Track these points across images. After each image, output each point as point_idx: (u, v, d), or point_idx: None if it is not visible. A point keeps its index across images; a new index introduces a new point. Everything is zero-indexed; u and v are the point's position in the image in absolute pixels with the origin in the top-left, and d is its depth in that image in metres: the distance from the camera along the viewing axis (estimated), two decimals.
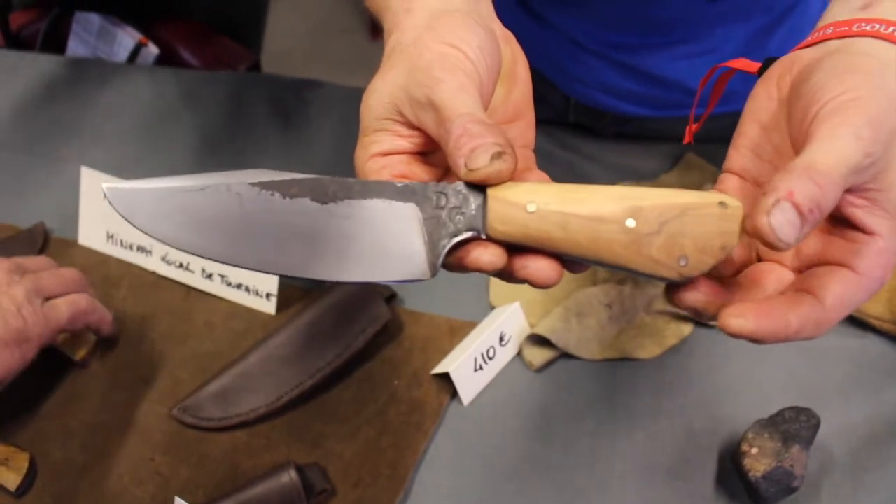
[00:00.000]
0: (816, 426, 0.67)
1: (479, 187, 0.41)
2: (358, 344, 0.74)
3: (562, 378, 0.75)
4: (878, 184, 0.39)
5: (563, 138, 0.93)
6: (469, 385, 0.73)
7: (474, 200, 0.41)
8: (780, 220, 0.36)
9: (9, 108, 1.06)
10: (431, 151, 0.45)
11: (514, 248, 0.41)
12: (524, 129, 0.50)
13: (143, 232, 0.42)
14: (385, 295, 0.78)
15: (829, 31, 0.45)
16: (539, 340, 0.75)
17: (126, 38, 1.13)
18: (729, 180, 0.46)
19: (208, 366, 0.77)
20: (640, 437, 0.71)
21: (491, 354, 0.74)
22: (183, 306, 0.82)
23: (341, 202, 0.41)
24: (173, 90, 1.07)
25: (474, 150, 0.40)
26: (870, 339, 0.76)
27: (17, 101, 1.07)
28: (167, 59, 1.16)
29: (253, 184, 0.41)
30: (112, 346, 0.79)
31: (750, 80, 0.50)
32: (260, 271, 0.42)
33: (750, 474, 0.64)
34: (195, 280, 0.82)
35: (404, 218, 0.41)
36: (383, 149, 0.45)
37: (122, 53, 1.14)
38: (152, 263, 0.84)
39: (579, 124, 0.94)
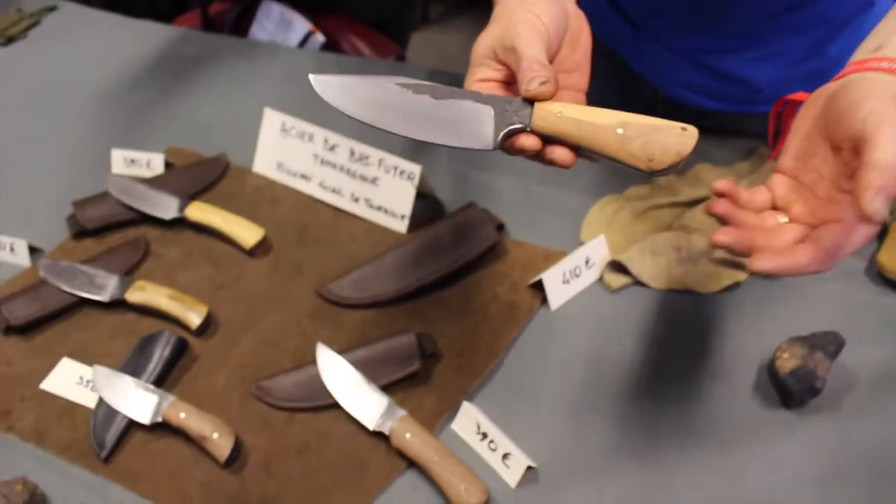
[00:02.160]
0: (841, 345, 0.80)
1: (532, 101, 0.61)
2: (471, 255, 0.92)
3: (633, 301, 0.91)
4: None
5: None
6: (557, 293, 0.90)
7: (526, 108, 0.62)
8: (880, 206, 0.53)
9: (200, 74, 1.31)
10: (511, 82, 0.66)
11: (547, 141, 0.62)
12: (580, 78, 0.70)
13: (331, 103, 0.63)
14: (496, 223, 0.96)
15: (850, 68, 0.64)
16: (618, 267, 0.92)
17: (299, 27, 1.36)
18: (779, 179, 0.66)
19: (348, 265, 0.96)
20: (693, 350, 0.86)
21: (577, 273, 0.91)
22: (332, 222, 1.02)
23: (448, 100, 0.63)
24: (333, 71, 1.29)
25: (532, 79, 0.61)
26: None
27: (207, 70, 1.32)
28: (331, 46, 1.39)
29: (397, 83, 0.63)
30: (274, 243, 0.99)
31: None
32: (391, 132, 0.63)
33: (780, 372, 0.79)
34: (343, 202, 1.03)
35: (483, 113, 0.62)
36: (483, 76, 0.66)
37: (294, 39, 1.38)
38: (310, 188, 1.05)
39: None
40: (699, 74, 1.05)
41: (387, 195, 0.99)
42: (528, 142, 0.62)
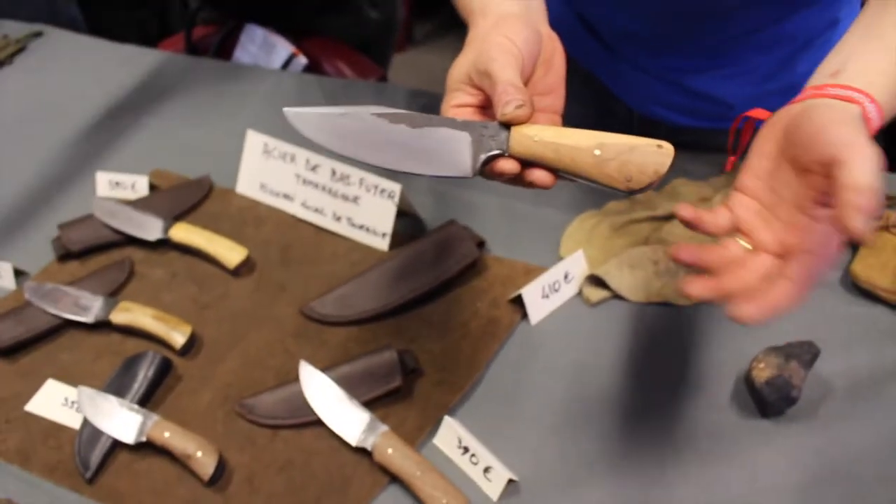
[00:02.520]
0: (816, 354, 0.82)
1: (508, 125, 0.62)
2: (451, 272, 0.94)
3: (612, 314, 0.92)
4: None
5: None
6: (537, 308, 0.91)
7: (503, 132, 0.63)
8: (862, 223, 0.54)
9: (184, 97, 1.32)
10: (487, 107, 0.67)
11: (526, 164, 0.63)
12: (555, 100, 0.71)
13: (307, 136, 0.64)
14: (476, 240, 0.98)
15: (809, 92, 0.65)
16: (596, 281, 0.93)
17: (282, 50, 1.38)
18: (739, 199, 0.66)
19: (331, 283, 0.97)
20: (672, 362, 0.87)
21: (557, 287, 0.92)
22: (314, 240, 1.03)
23: (424, 128, 0.63)
24: (316, 93, 1.31)
25: (507, 102, 0.61)
26: (879, 308, 0.91)
27: (191, 93, 1.33)
28: (313, 68, 1.41)
29: (373, 113, 0.64)
30: (258, 262, 1.00)
31: None
32: (368, 163, 0.64)
33: (756, 382, 0.80)
34: (326, 221, 1.04)
35: (460, 140, 0.63)
36: (459, 102, 0.67)
37: (277, 62, 1.40)
38: (293, 208, 1.06)
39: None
40: (672, 93, 1.07)
41: (368, 214, 1.01)
42: (507, 166, 0.63)
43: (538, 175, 0.63)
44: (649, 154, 0.61)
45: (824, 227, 0.59)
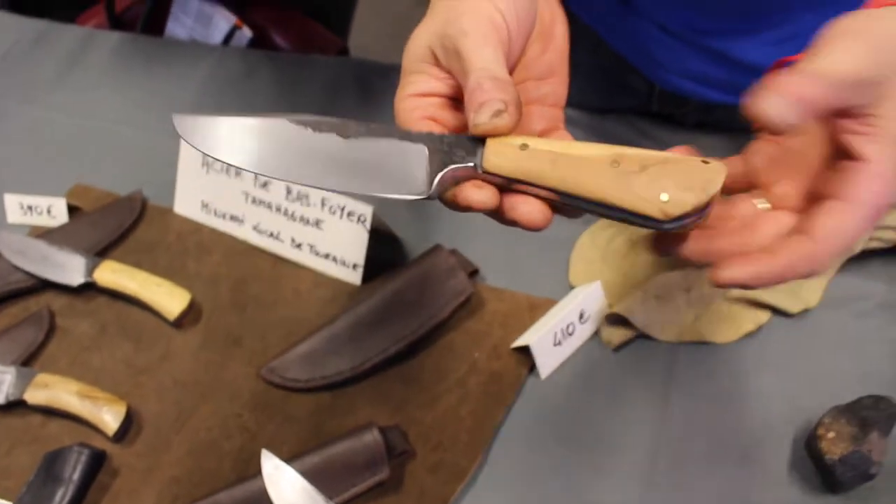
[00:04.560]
0: (894, 415, 0.67)
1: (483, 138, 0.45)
2: (441, 315, 0.77)
3: (639, 358, 0.76)
4: (877, 109, 0.43)
5: (644, 128, 0.94)
6: (548, 359, 0.75)
7: (476, 144, 0.45)
8: (775, 103, 0.41)
9: (110, 85, 1.12)
10: (462, 99, 0.48)
11: (507, 189, 0.45)
12: (556, 87, 0.52)
13: (206, 153, 0.46)
14: (468, 270, 0.80)
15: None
16: (618, 320, 0.77)
17: (221, 22, 1.17)
18: (757, 147, 0.50)
19: (295, 330, 0.80)
20: (715, 420, 0.72)
21: (570, 331, 0.75)
22: (272, 274, 0.85)
23: (360, 138, 0.45)
24: (265, 72, 1.11)
25: (482, 104, 0.43)
26: None
27: (117, 79, 1.13)
28: (260, 41, 1.21)
29: (291, 120, 0.46)
30: (204, 307, 0.83)
31: None
32: (289, 181, 0.47)
33: (827, 457, 0.65)
34: (284, 249, 0.86)
35: (412, 152, 0.45)
36: (419, 90, 0.48)
37: (217, 36, 1.19)
38: (243, 232, 0.88)
39: (661, 114, 0.95)
40: (702, 61, 0.87)
41: (334, 240, 0.83)
42: (478, 195, 0.44)
43: (526, 208, 0.44)
44: (692, 167, 0.43)
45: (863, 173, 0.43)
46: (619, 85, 0.94)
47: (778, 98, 0.41)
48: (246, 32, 1.18)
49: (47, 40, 1.19)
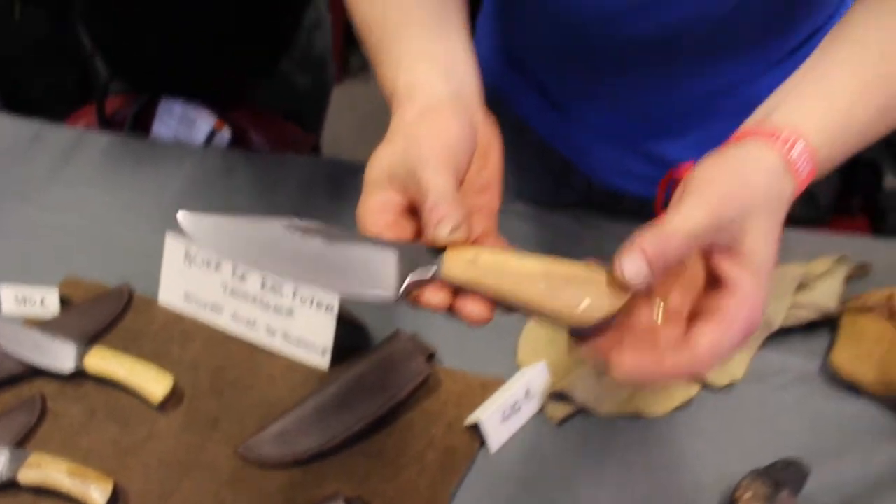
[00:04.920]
0: (805, 476, 0.75)
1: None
2: (401, 395, 0.85)
3: (580, 431, 0.84)
4: (740, 245, 0.52)
5: (586, 219, 1.04)
6: (496, 435, 0.82)
7: (435, 254, 0.53)
8: (630, 265, 0.49)
9: (100, 184, 1.20)
10: (415, 210, 0.57)
11: (458, 291, 0.53)
12: (491, 199, 0.61)
13: (205, 246, 0.57)
14: (426, 353, 0.89)
15: (736, 135, 0.59)
16: (560, 396, 0.85)
17: (203, 123, 1.27)
18: None
19: (270, 412, 0.87)
20: (649, 487, 0.80)
21: (517, 407, 0.83)
22: (249, 360, 0.93)
23: (342, 244, 0.54)
24: (244, 170, 1.21)
25: (440, 221, 0.52)
26: (863, 403, 0.84)
27: (106, 178, 1.22)
28: (239, 140, 1.31)
29: (284, 224, 0.55)
30: (186, 391, 0.90)
31: None
32: (275, 275, 0.56)
33: None
34: (258, 336, 0.94)
35: (384, 258, 0.54)
36: (379, 201, 0.57)
37: (199, 136, 1.29)
38: (222, 321, 0.96)
39: (603, 205, 1.05)
40: (635, 161, 0.98)
41: (304, 327, 0.91)
42: (435, 298, 0.53)
43: (472, 307, 0.53)
44: (607, 283, 0.52)
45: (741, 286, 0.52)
46: (562, 183, 1.04)
47: (635, 259, 0.49)
48: (226, 133, 1.28)
49: (41, 140, 1.28)
